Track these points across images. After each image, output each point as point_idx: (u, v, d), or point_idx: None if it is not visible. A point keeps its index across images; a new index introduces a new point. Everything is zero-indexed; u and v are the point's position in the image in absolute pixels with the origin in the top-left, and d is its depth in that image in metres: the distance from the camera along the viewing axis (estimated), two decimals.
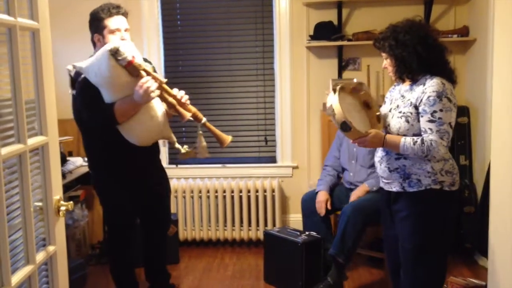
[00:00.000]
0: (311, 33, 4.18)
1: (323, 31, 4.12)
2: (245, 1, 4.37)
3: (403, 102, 2.56)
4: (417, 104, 2.47)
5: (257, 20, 4.36)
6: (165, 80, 2.61)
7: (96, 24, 2.76)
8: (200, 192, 4.34)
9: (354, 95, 2.73)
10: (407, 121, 2.49)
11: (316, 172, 4.36)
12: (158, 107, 2.70)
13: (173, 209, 4.31)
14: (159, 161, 3.06)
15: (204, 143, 2.73)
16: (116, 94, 2.54)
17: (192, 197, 4.35)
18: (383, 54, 2.61)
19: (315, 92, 4.31)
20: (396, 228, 2.63)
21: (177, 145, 2.86)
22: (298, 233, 3.48)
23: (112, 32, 2.74)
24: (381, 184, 2.70)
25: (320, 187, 3.65)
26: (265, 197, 4.29)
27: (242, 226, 4.33)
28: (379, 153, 2.67)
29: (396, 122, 2.54)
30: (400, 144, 2.46)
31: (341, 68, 4.25)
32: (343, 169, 3.75)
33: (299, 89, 4.34)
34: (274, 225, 4.29)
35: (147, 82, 2.46)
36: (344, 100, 2.59)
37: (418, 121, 2.47)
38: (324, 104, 4.15)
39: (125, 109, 2.54)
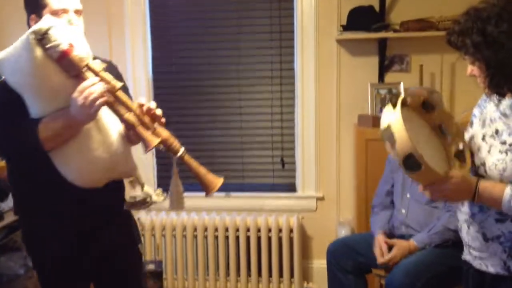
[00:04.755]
0: (344, 22, 3.16)
1: (360, 19, 3.11)
2: None
3: (508, 125, 1.54)
4: None
5: (272, 6, 3.35)
6: (119, 85, 1.66)
7: (34, 2, 1.86)
8: (195, 230, 3.34)
9: (423, 113, 1.73)
10: None
11: (348, 205, 3.33)
12: (112, 127, 1.77)
13: (159, 254, 3.32)
14: (122, 205, 2.05)
15: (181, 189, 1.78)
16: (45, 105, 1.67)
17: (185, 236, 3.35)
18: (466, 57, 1.60)
19: (347, 100, 3.29)
20: None
21: (146, 189, 1.95)
22: None
23: (55, 13, 1.82)
24: (467, 257, 1.72)
25: (376, 227, 2.68)
26: (280, 239, 3.28)
27: (249, 276, 3.33)
28: (465, 208, 1.67)
29: (497, 159, 1.56)
30: (504, 198, 1.50)
31: (383, 69, 3.21)
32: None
33: (327, 97, 3.32)
34: (291, 275, 3.30)
35: (93, 86, 1.58)
36: (410, 121, 1.59)
37: None
38: (361, 116, 3.13)
39: (56, 129, 1.64)
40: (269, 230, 3.27)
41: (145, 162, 3.43)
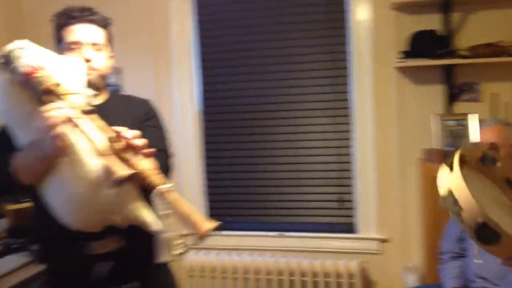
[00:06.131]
0: (402, 48, 2.90)
1: (422, 44, 2.83)
2: (307, 7, 3.15)
3: None
4: None
5: (323, 33, 3.12)
6: (86, 109, 1.39)
7: (56, 35, 1.73)
8: (242, 272, 3.11)
9: (484, 169, 1.46)
10: None
11: (416, 248, 3.02)
12: (91, 159, 1.44)
13: None
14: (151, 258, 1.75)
15: (172, 234, 1.38)
16: (25, 133, 1.46)
17: (236, 279, 3.13)
18: None
19: (410, 132, 3.00)
20: None
21: (165, 235, 1.51)
22: None
23: (69, 47, 1.67)
24: None
25: (450, 282, 2.35)
26: (339, 285, 2.99)
27: None
28: None
29: None
30: None
31: (451, 99, 2.91)
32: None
33: (387, 129, 3.04)
34: None
35: (52, 111, 1.34)
36: (471, 179, 1.33)
37: None
38: (427, 151, 2.84)
39: (27, 160, 1.43)
40: (327, 276, 3.00)
41: (192, 197, 3.26)
